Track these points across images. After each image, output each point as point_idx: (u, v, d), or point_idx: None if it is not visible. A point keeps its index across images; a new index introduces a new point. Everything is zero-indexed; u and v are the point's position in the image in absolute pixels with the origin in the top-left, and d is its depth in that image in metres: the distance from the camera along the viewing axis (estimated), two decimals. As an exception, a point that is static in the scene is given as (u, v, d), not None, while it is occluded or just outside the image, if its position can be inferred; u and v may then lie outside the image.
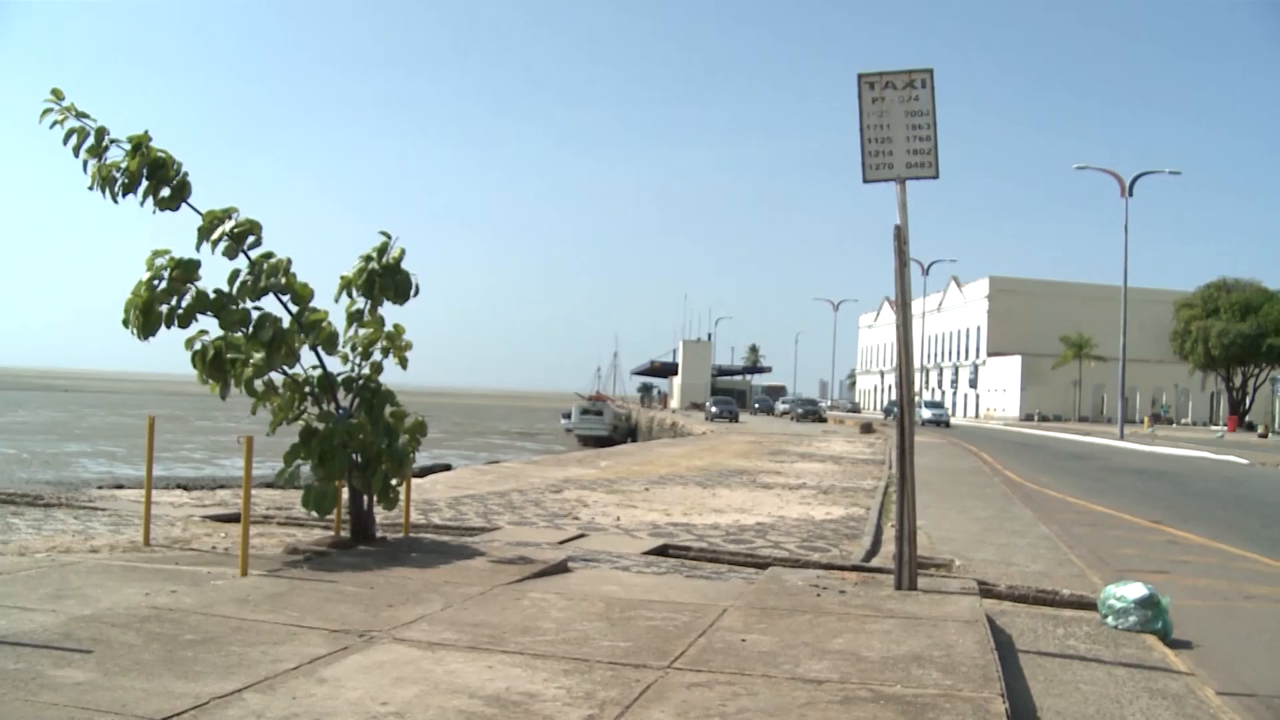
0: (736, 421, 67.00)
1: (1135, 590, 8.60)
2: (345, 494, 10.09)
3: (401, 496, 10.55)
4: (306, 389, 9.85)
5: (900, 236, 8.64)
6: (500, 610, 7.14)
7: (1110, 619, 8.61)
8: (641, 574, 9.37)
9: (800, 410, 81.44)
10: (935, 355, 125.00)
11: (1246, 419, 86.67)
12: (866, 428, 55.16)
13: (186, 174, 9.35)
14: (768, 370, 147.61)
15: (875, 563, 10.89)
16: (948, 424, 68.19)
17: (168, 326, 9.26)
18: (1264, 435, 71.70)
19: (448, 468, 28.15)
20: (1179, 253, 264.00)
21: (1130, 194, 53.43)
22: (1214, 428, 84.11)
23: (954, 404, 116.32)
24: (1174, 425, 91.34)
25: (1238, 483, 28.41)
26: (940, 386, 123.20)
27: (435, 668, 5.66)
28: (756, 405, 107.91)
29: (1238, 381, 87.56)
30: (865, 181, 8.87)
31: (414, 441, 10.18)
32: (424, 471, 22.06)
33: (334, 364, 10.04)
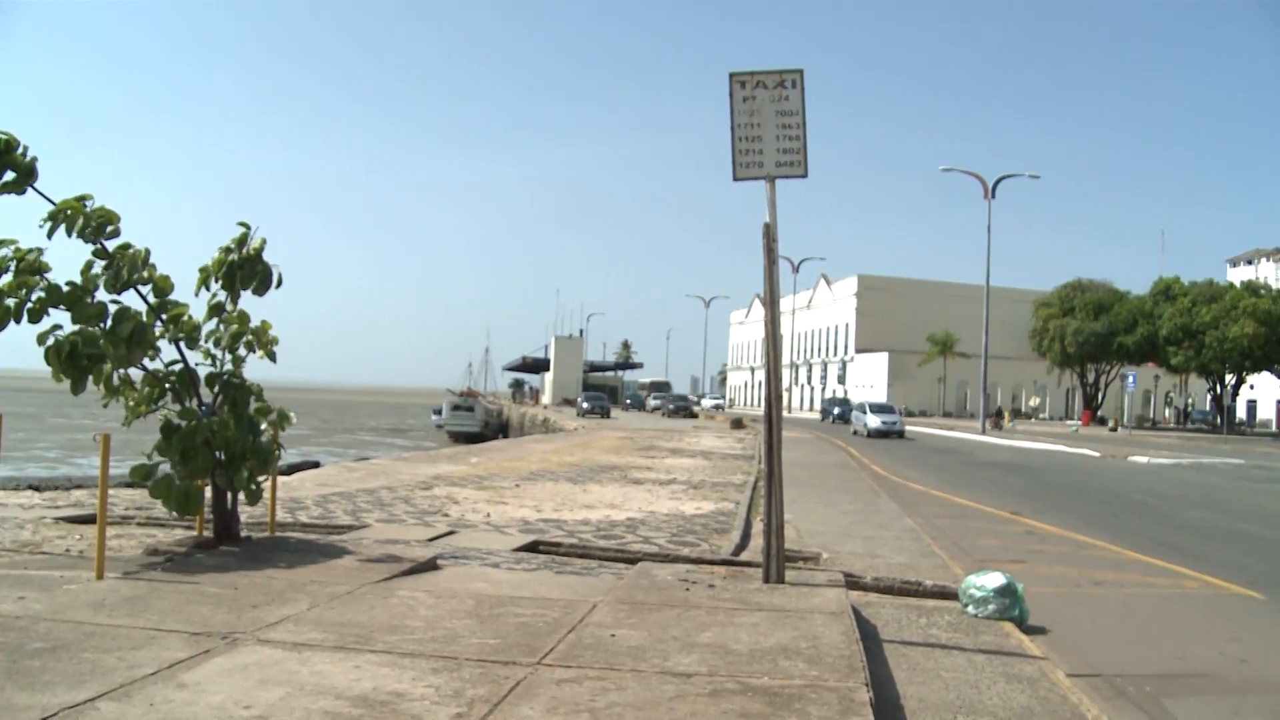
0: (608, 417, 67.12)
1: (994, 580, 8.88)
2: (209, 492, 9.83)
3: (267, 494, 10.33)
4: (167, 384, 9.57)
5: (769, 234, 8.74)
6: (368, 609, 7.04)
7: (970, 608, 8.87)
8: (512, 571, 9.32)
9: (672, 406, 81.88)
10: (805, 351, 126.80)
11: (1099, 413, 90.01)
12: (737, 423, 55.76)
13: (35, 159, 8.90)
14: (639, 366, 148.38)
15: (744, 557, 11.01)
16: (901, 434, 49.35)
17: (16, 321, 8.86)
18: (1114, 429, 74.56)
19: (316, 465, 27.66)
20: (1039, 254, 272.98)
21: (993, 196, 55.09)
22: (1069, 422, 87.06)
23: (822, 400, 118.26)
24: (1032, 420, 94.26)
25: (1090, 474, 29.47)
26: (809, 382, 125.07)
27: (301, 669, 5.56)
28: (629, 401, 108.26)
29: (1091, 377, 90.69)
30: (735, 179, 8.95)
31: (276, 439, 9.98)
32: (291, 469, 21.66)
33: (197, 358, 9.77)
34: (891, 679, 6.75)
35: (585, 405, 71.70)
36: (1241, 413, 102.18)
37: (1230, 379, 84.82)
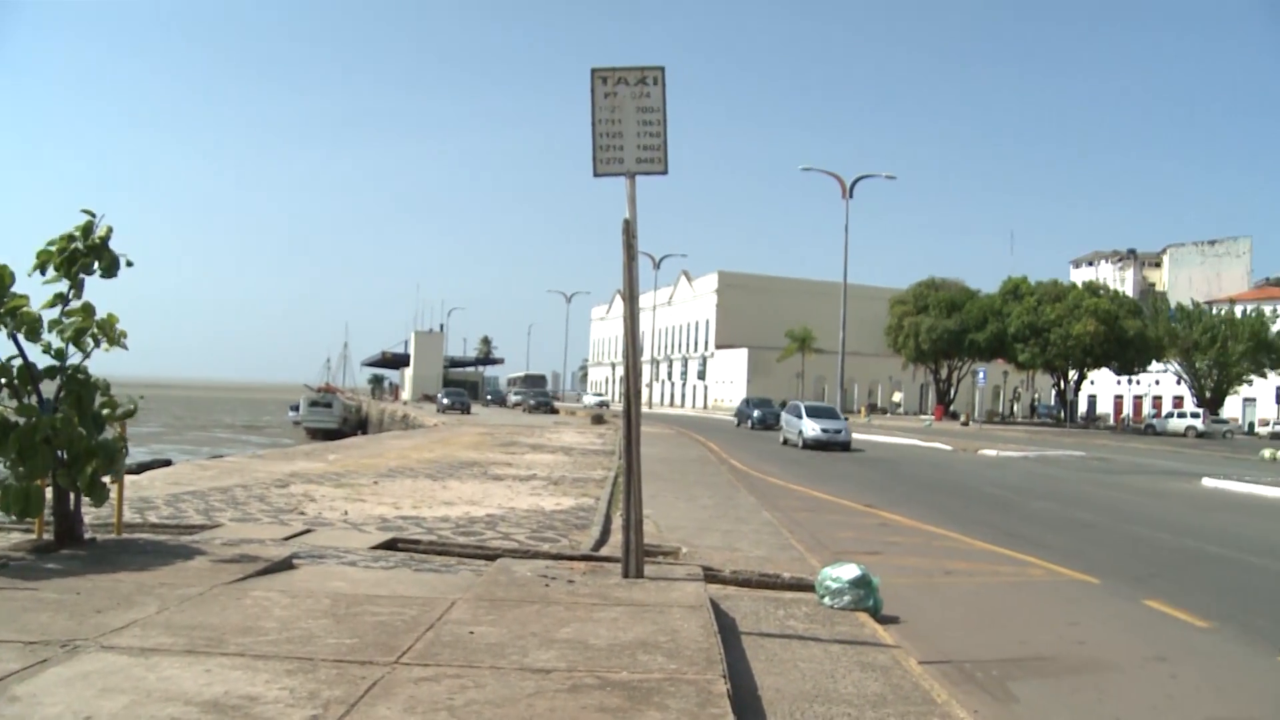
0: (469, 413, 66.62)
1: (849, 571, 9.07)
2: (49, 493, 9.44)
3: (114, 494, 9.97)
4: (2, 379, 9.15)
5: (629, 230, 8.77)
6: (220, 611, 6.86)
7: (827, 599, 9.04)
8: (369, 569, 9.18)
9: (533, 402, 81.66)
10: (665, 348, 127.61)
11: (951, 408, 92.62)
12: (598, 419, 55.86)
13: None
14: (500, 362, 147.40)
15: (604, 552, 11.03)
16: (846, 445, 36.99)
17: None
18: (966, 423, 76.83)
19: (167, 463, 26.76)
20: (895, 252, 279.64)
21: (851, 196, 56.08)
22: (923, 417, 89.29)
23: (683, 395, 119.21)
24: (888, 415, 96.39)
25: (942, 467, 30.31)
26: (670, 378, 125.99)
27: (148, 675, 5.38)
28: (489, 397, 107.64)
29: (944, 373, 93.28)
30: (596, 175, 8.96)
31: (123, 436, 9.64)
32: (141, 468, 20.93)
33: (38, 352, 9.36)
34: (749, 670, 6.84)
35: (445, 401, 71.07)
36: (1083, 407, 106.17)
37: (1073, 375, 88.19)
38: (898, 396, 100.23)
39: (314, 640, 6.20)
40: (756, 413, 55.35)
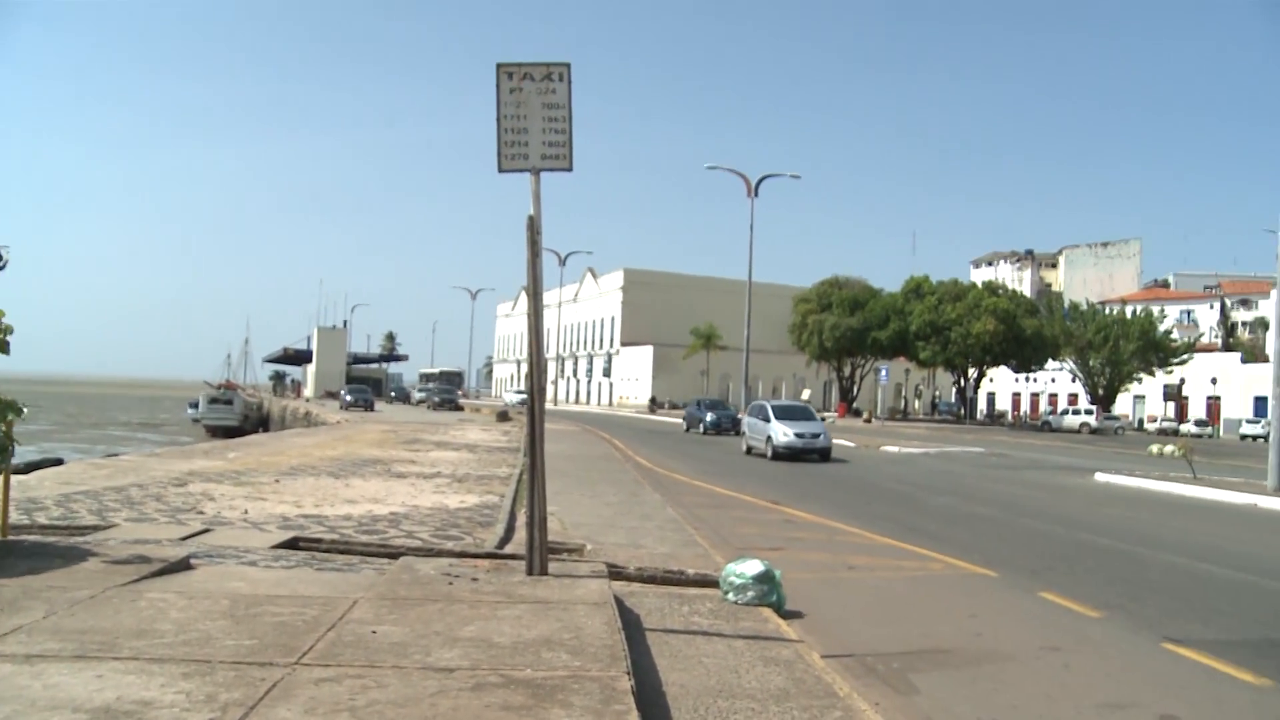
0: (372, 410, 65.92)
1: (753, 567, 9.13)
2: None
3: (-1, 494, 9.66)
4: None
5: (533, 227, 8.72)
6: (113, 614, 6.68)
7: (731, 595, 9.09)
8: (270, 569, 9.02)
9: (438, 399, 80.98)
10: (571, 344, 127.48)
11: (854, 405, 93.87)
12: (503, 416, 55.60)
13: None
14: (404, 358, 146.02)
15: (509, 550, 10.99)
16: (826, 453, 31.29)
17: None
18: (868, 420, 77.94)
19: (58, 462, 26.06)
20: (800, 251, 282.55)
21: (756, 194, 56.52)
22: (826, 414, 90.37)
23: (588, 392, 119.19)
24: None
25: (845, 464, 30.66)
26: (575, 375, 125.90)
27: (33, 683, 5.20)
28: (393, 394, 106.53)
29: (847, 371, 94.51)
30: (501, 171, 8.91)
31: (9, 434, 9.35)
32: (30, 467, 20.34)
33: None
34: (654, 667, 6.85)
35: (349, 398, 70.15)
36: (982, 404, 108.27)
37: (973, 373, 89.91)
38: (806, 394, 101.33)
39: (212, 642, 6.08)
40: (710, 416, 48.50)
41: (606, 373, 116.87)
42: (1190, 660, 8.16)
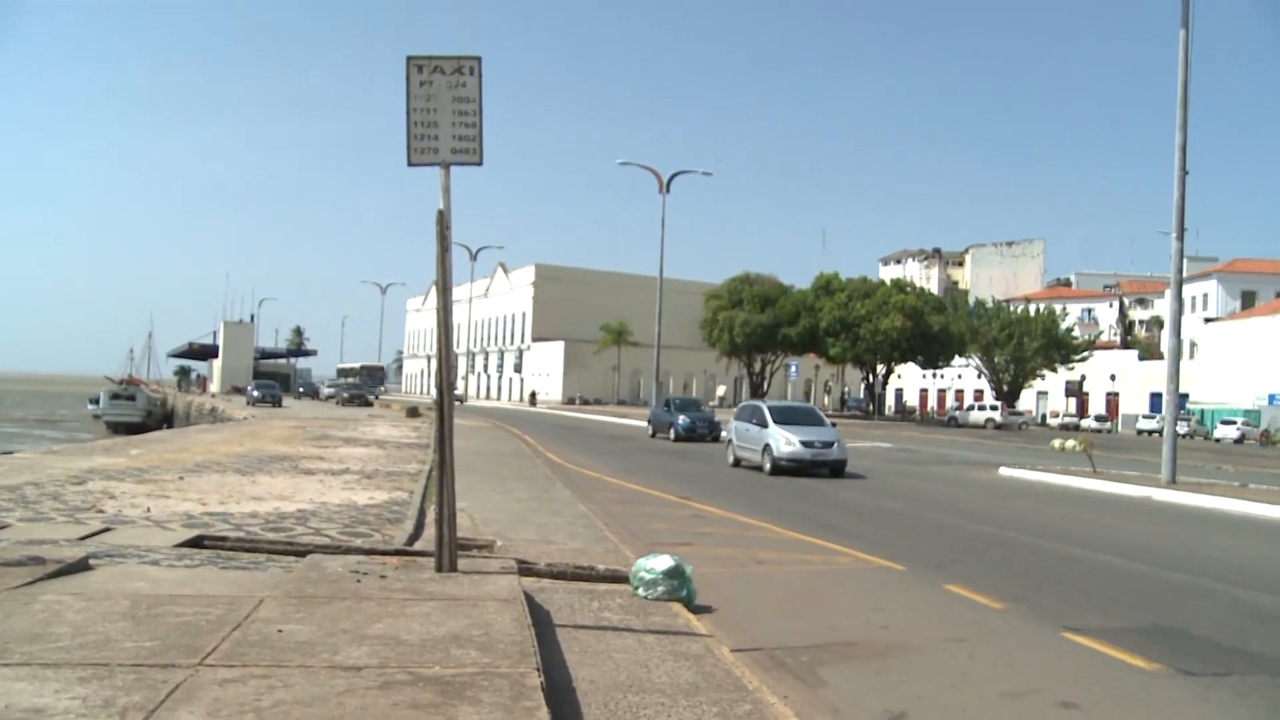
0: (280, 405, 64.97)
1: (663, 562, 9.17)
2: None
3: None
4: None
5: (443, 221, 8.66)
6: (4, 618, 6.48)
7: (641, 590, 9.12)
8: (173, 568, 8.84)
9: (346, 394, 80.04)
10: (482, 340, 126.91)
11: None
12: (413, 412, 55.12)
13: None
14: (313, 353, 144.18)
15: (418, 546, 10.90)
16: (840, 467, 25.59)
17: None
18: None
19: (-53, 461, 25.34)
20: (711, 247, 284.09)
21: (667, 191, 56.83)
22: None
23: (499, 388, 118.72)
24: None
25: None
26: (486, 371, 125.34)
27: (-78, 685, 5.05)
28: (301, 389, 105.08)
29: (758, 367, 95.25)
30: (410, 164, 8.83)
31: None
32: (-84, 466, 19.72)
33: None
34: (564, 663, 6.85)
35: (256, 393, 69.06)
36: (891, 400, 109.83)
37: (881, 369, 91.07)
38: (721, 390, 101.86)
39: (111, 645, 5.93)
40: (683, 419, 39.99)
41: (518, 368, 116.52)
42: (1088, 648, 8.37)
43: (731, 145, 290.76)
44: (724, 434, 32.36)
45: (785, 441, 25.00)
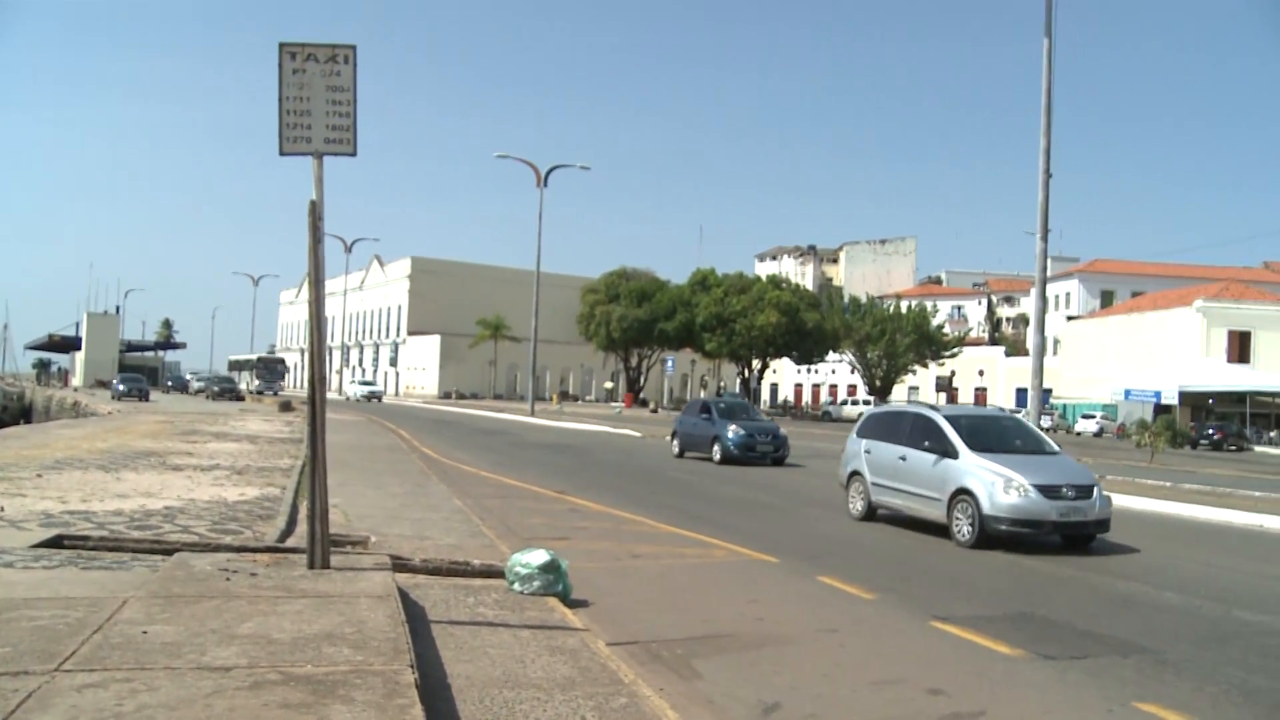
0: (147, 400, 63.19)
1: (538, 557, 9.16)
2: None
3: None
4: None
5: (315, 212, 8.50)
6: None
7: (517, 585, 9.09)
8: (29, 569, 8.53)
9: (217, 388, 78.21)
10: (357, 333, 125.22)
11: (641, 396, 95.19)
12: (285, 406, 54.11)
13: None
14: (182, 346, 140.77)
15: (290, 543, 10.69)
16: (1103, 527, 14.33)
17: None
18: (655, 410, 79.18)
19: None
20: (589, 242, 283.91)
21: (545, 184, 56.64)
22: (614, 404, 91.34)
23: (375, 382, 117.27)
24: (579, 402, 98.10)
25: (631, 454, 31.07)
26: (361, 365, 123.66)
27: None
28: (170, 383, 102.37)
29: (634, 361, 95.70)
30: (282, 154, 8.66)
31: None
32: None
33: None
34: (439, 659, 6.79)
35: (122, 387, 67.05)
36: (766, 394, 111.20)
37: (757, 364, 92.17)
38: (610, 385, 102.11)
39: (-40, 650, 5.69)
40: (735, 431, 27.65)
41: (393, 362, 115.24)
42: (955, 636, 8.61)
43: (609, 140, 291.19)
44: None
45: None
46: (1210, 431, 59.31)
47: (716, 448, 27.60)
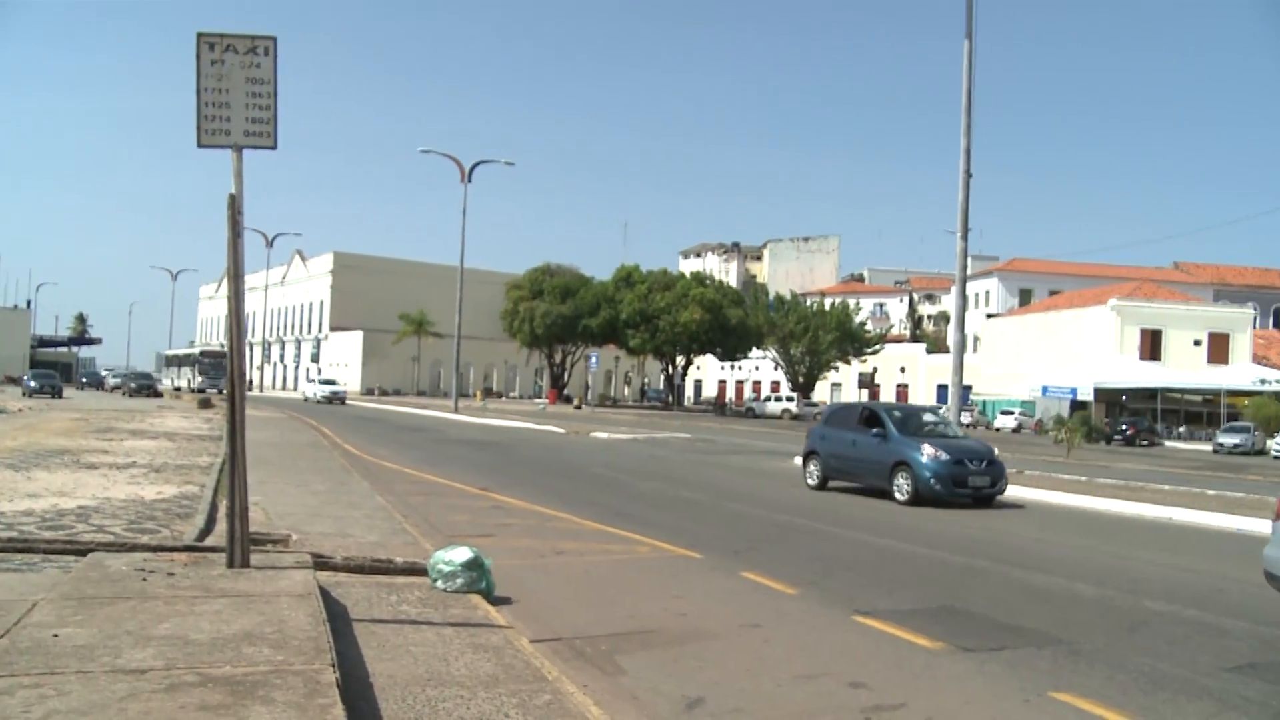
0: (60, 397, 61.90)
1: (461, 554, 9.12)
2: None
3: None
4: None
5: (234, 206, 8.37)
6: None
7: (440, 583, 9.04)
8: (-64, 570, 8.32)
9: (134, 385, 76.77)
10: (279, 329, 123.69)
11: (565, 392, 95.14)
12: (205, 403, 53.29)
13: None
14: (97, 341, 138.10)
15: (209, 542, 10.53)
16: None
17: None
18: (579, 407, 79.16)
19: None
20: (513, 238, 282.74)
21: (470, 180, 56.44)
22: (537, 400, 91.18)
23: (296, 379, 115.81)
24: (503, 398, 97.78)
25: (555, 450, 31.01)
26: (283, 361, 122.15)
27: None
28: (84, 380, 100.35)
29: (558, 358, 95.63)
30: (200, 146, 8.52)
31: None
32: None
33: None
34: (361, 658, 6.73)
35: (33, 384, 65.64)
36: (690, 391, 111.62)
37: (681, 360, 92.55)
38: (545, 382, 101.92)
39: None
40: (931, 454, 19.13)
41: (315, 358, 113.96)
42: (876, 630, 8.71)
43: (535, 136, 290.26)
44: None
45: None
46: (1124, 427, 60.68)
47: (903, 480, 19.12)
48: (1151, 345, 76.35)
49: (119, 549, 9.49)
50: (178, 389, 78.97)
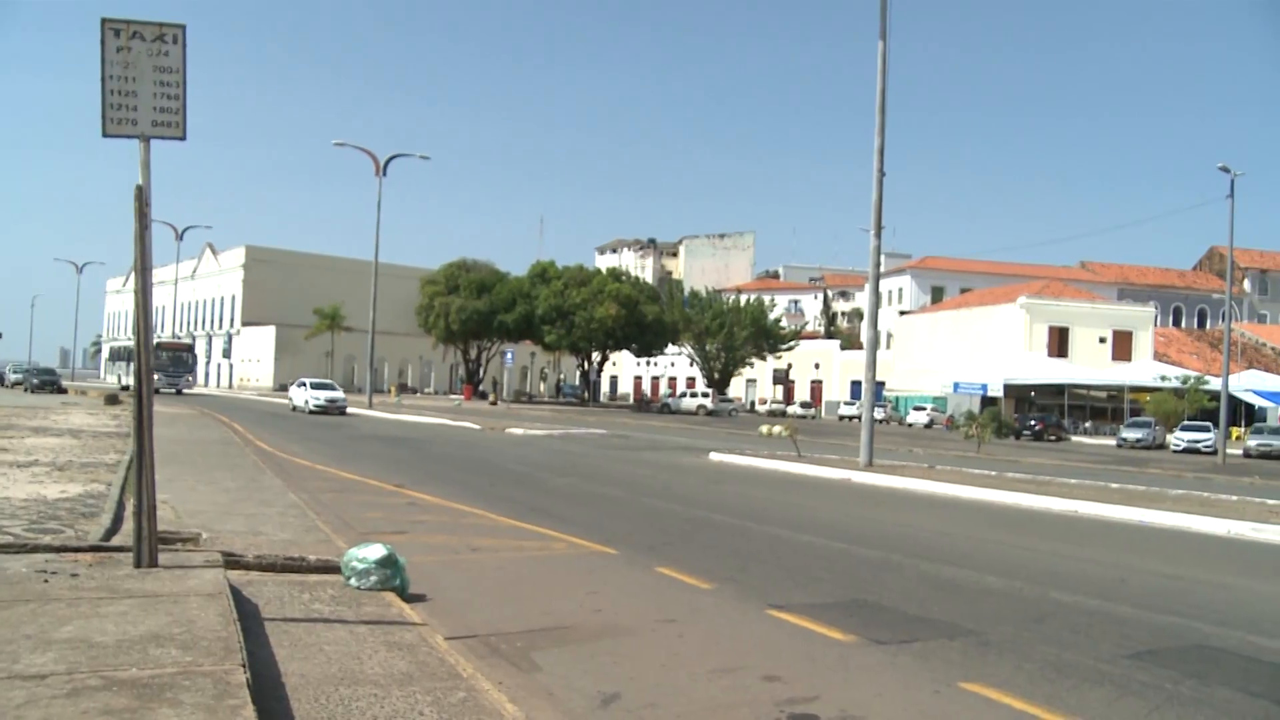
0: (-42, 393, 60.22)
1: (375, 551, 9.03)
2: None
3: None
4: None
5: (142, 197, 8.20)
6: None
7: (353, 580, 8.95)
8: None
9: (36, 381, 74.82)
10: (189, 324, 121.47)
11: (480, 388, 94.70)
12: (112, 399, 52.16)
13: None
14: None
15: (115, 541, 10.30)
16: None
17: None
18: (494, 403, 78.80)
19: None
20: (429, 233, 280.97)
21: (384, 173, 55.85)
22: (453, 396, 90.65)
23: (206, 375, 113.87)
24: (418, 394, 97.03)
25: (470, 446, 30.84)
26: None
27: None
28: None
29: (474, 354, 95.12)
30: (105, 135, 8.34)
31: None
32: None
33: None
34: (273, 658, 6.63)
35: (-72, 380, 63.78)
36: (606, 387, 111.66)
37: (596, 356, 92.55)
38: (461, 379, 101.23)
39: None
40: None
41: (227, 354, 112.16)
42: (791, 624, 8.80)
43: (450, 131, 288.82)
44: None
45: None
46: (1032, 422, 61.93)
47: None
48: (1059, 342, 78.08)
49: (19, 550, 9.25)
50: (125, 388, 69.78)
